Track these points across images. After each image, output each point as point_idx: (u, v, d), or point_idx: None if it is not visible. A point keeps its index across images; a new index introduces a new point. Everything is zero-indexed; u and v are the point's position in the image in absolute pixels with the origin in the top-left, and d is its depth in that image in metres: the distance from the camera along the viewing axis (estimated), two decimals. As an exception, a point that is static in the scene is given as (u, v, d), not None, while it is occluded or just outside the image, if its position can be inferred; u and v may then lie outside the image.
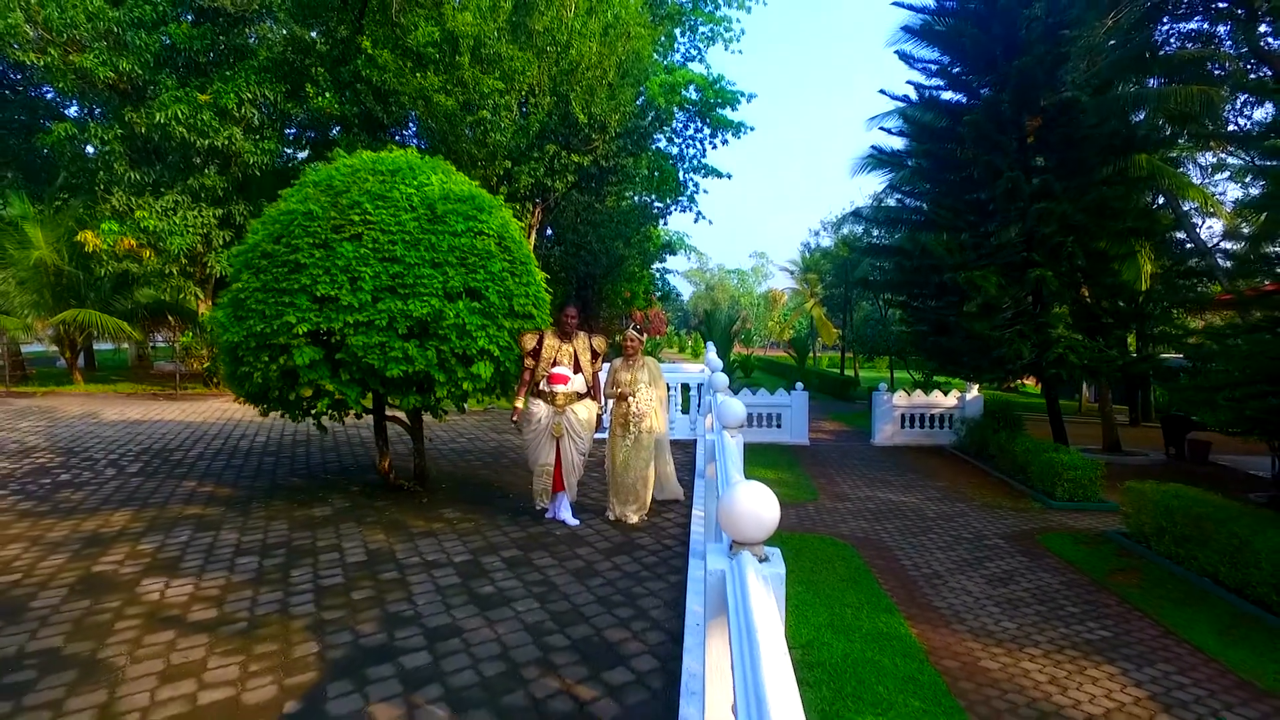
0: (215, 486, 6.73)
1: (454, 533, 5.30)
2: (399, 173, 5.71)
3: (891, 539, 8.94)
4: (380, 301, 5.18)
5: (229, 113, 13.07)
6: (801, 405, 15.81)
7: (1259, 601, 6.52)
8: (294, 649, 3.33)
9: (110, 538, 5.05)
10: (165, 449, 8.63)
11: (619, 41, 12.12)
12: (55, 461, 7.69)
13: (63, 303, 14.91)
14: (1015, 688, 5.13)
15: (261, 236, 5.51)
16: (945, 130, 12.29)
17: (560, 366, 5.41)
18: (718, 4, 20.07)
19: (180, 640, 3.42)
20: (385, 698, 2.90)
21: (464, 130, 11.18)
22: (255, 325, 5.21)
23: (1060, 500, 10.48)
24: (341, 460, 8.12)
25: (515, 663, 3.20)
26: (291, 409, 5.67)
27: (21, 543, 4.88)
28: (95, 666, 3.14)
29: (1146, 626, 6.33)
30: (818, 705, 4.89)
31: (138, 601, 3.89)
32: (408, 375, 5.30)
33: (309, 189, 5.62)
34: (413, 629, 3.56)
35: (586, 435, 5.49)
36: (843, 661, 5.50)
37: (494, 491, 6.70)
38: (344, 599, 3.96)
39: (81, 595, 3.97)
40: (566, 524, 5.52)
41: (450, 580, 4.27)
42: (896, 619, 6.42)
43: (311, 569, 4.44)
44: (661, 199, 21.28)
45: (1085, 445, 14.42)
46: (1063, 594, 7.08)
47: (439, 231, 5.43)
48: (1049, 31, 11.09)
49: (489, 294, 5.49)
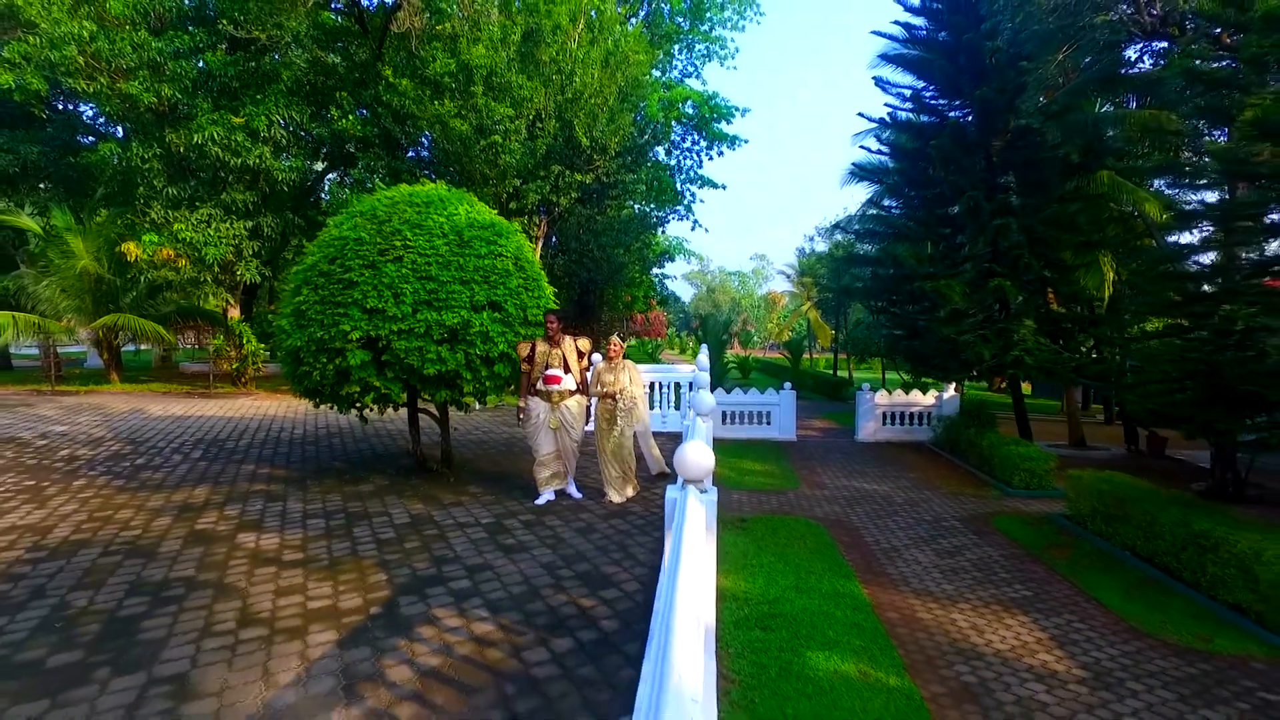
0: (271, 469, 7.86)
1: (478, 503, 6.42)
2: (432, 204, 6.84)
3: (859, 521, 10.03)
4: (419, 312, 6.30)
5: (259, 133, 14.22)
6: (789, 403, 16.89)
7: (1163, 567, 7.58)
8: (368, 577, 4.44)
9: (199, 506, 6.17)
10: (216, 439, 9.75)
11: (619, 69, 13.25)
12: (126, 449, 8.82)
13: (102, 308, 16.07)
14: (941, 632, 6.21)
15: (318, 258, 6.64)
16: (916, 150, 13.38)
17: (552, 369, 6.47)
18: (713, 25, 21.19)
19: (281, 572, 4.53)
20: (441, 605, 4.01)
21: (477, 152, 12.31)
22: (315, 332, 6.34)
23: (1017, 488, 11.54)
24: (374, 449, 9.24)
25: (534, 586, 4.32)
26: (342, 402, 6.79)
27: (129, 509, 6.01)
28: (224, 587, 4.26)
29: (1064, 588, 7.41)
30: (777, 644, 5.98)
31: (239, 549, 5.01)
32: (441, 374, 6.41)
33: (357, 218, 6.74)
34: (455, 565, 4.67)
35: (578, 425, 6.58)
36: (801, 613, 6.58)
37: (509, 474, 7.82)
38: (398, 547, 5.07)
39: (194, 544, 5.09)
40: (572, 496, 6.62)
41: (480, 535, 5.38)
42: (852, 582, 7.50)
43: (368, 527, 5.56)
44: (660, 208, 22.39)
45: (1054, 441, 15.49)
46: (1000, 564, 8.15)
47: (466, 254, 6.55)
48: (1010, 62, 12.17)
49: (508, 306, 6.62)
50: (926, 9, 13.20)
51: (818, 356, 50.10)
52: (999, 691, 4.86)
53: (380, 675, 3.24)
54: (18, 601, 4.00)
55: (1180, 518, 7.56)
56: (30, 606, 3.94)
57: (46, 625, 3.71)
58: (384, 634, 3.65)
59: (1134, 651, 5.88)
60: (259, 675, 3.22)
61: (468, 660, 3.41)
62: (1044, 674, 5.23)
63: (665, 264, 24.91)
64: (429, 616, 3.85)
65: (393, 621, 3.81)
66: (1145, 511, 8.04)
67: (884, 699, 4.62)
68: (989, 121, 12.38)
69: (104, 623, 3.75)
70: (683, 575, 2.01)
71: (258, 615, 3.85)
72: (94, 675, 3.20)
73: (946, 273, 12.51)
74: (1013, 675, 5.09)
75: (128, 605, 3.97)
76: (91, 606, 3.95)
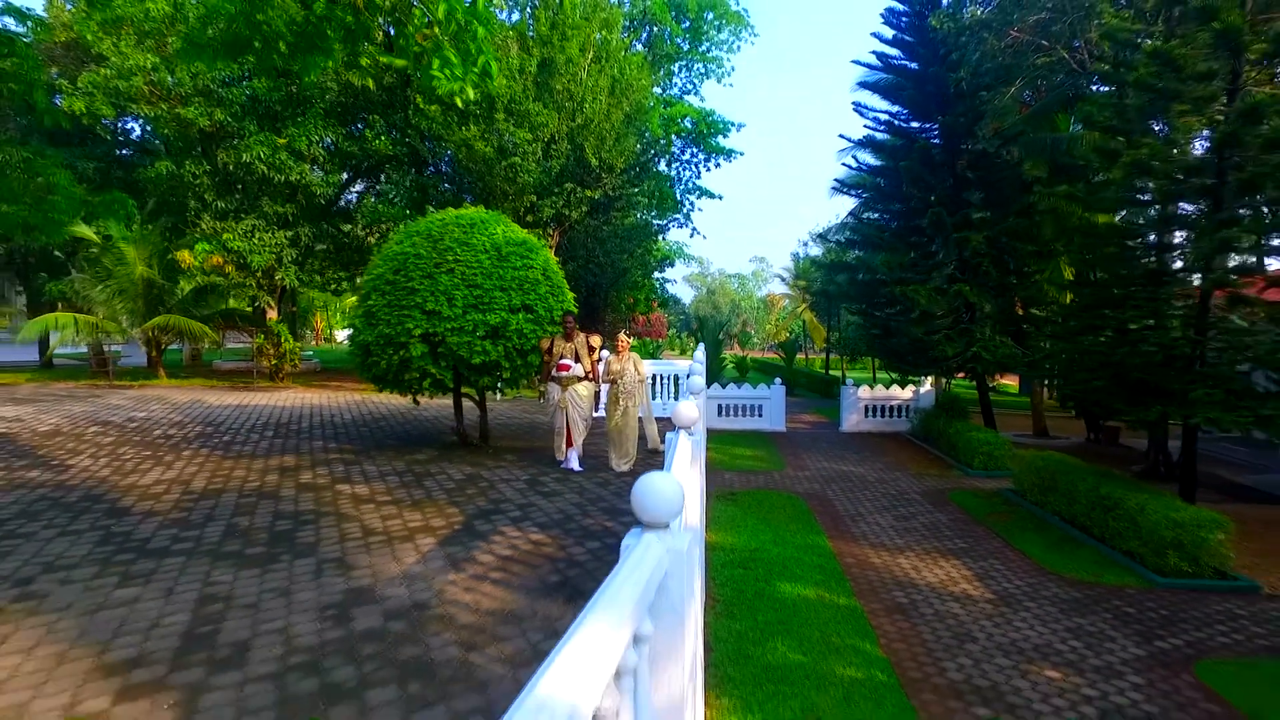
0: (337, 444, 9.41)
1: (516, 467, 7.97)
2: (475, 225, 8.38)
3: (834, 495, 11.58)
4: (468, 314, 7.84)
5: (300, 152, 15.79)
6: (779, 397, 18.43)
7: (1080, 527, 9.12)
8: (445, 510, 5.99)
9: (293, 468, 7.72)
10: (279, 422, 11.30)
11: (624, 95, 14.80)
12: (207, 430, 10.36)
13: (152, 310, 17.62)
14: (887, 571, 7.75)
15: (384, 270, 8.19)
16: (890, 169, 14.94)
17: (565, 359, 7.96)
18: (710, 46, 22.77)
19: (380, 507, 6.08)
20: (504, 525, 5.55)
21: (498, 171, 13.86)
22: (384, 329, 7.89)
23: (977, 469, 13.08)
24: (418, 430, 10.79)
25: (568, 514, 5.86)
26: (403, 387, 8.33)
27: (241, 470, 7.56)
28: (342, 515, 5.81)
29: (996, 543, 8.94)
30: (754, 578, 7.51)
31: (340, 494, 6.56)
32: (484, 363, 7.96)
33: (415, 237, 8.29)
34: (507, 504, 6.22)
35: (586, 406, 8.04)
36: (776, 558, 8.13)
37: (534, 448, 9.37)
38: (461, 493, 6.62)
39: (305, 491, 6.63)
40: (574, 471, 8.08)
41: (521, 486, 6.94)
42: (821, 538, 9.04)
43: (434, 481, 7.11)
44: (661, 216, 23.95)
45: (1021, 432, 17.02)
46: (947, 526, 9.69)
47: (504, 267, 8.10)
48: (971, 92, 13.72)
49: (538, 309, 8.17)
50: (899, 41, 14.77)
51: (813, 357, 51.60)
52: (923, 607, 6.47)
53: (473, 559, 4.79)
54: (198, 523, 5.55)
55: (1093, 485, 9.13)
56: (210, 525, 5.49)
57: (229, 533, 5.26)
58: (468, 539, 5.20)
59: (1037, 584, 7.44)
60: (391, 559, 4.77)
61: (529, 552, 4.96)
62: (961, 597, 6.85)
63: (666, 269, 26.47)
64: (497, 530, 5.40)
65: (471, 533, 5.35)
66: (1070, 482, 9.60)
67: (833, 611, 6.23)
68: (953, 144, 13.94)
69: (268, 534, 5.30)
70: (677, 459, 3.55)
71: (375, 529, 5.40)
72: (280, 558, 4.74)
73: (917, 279, 14.05)
74: (936, 598, 6.70)
75: (278, 525, 5.51)
76: (253, 526, 5.49)
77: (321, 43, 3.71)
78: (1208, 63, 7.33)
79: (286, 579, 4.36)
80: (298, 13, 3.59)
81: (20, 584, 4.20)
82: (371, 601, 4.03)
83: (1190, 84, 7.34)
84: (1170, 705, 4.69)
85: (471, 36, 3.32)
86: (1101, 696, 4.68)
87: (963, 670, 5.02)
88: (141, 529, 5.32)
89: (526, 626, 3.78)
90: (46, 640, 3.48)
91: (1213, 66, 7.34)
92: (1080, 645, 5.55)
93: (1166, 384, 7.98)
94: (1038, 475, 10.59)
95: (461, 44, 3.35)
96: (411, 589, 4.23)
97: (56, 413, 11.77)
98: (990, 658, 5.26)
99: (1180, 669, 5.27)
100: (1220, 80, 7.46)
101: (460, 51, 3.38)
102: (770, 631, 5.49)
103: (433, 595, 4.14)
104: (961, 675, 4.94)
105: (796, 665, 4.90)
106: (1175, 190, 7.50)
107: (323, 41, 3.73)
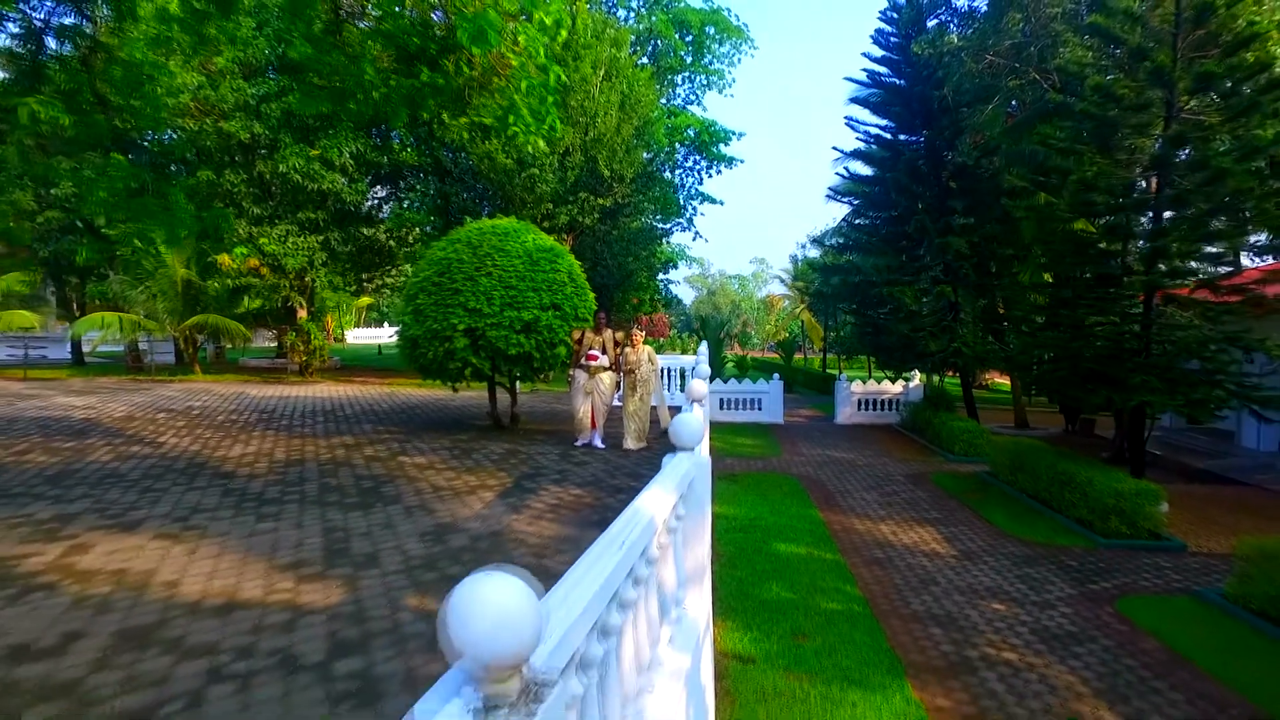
0: (385, 427, 10.59)
1: (547, 444, 9.17)
2: (509, 234, 9.57)
3: (825, 476, 12.76)
4: (504, 311, 9.03)
5: (332, 162, 16.99)
6: (777, 392, 19.62)
7: (1043, 501, 10.30)
8: (496, 474, 7.18)
9: (354, 445, 8.91)
10: (324, 410, 12.49)
11: (634, 111, 15.99)
12: (263, 417, 11.55)
13: (190, 309, 18.81)
14: (869, 535, 8.93)
15: (430, 273, 9.37)
16: (879, 179, 16.13)
17: (593, 349, 9.16)
18: (712, 59, 23.98)
19: (441, 472, 7.27)
20: (546, 485, 6.74)
21: (518, 181, 15.05)
22: (431, 325, 9.07)
23: (958, 455, 14.26)
24: (453, 416, 11.98)
25: (598, 478, 7.06)
26: (446, 375, 9.51)
27: (311, 446, 8.75)
28: (411, 478, 7.00)
29: (967, 514, 10.12)
30: (753, 540, 8.69)
31: (403, 464, 7.74)
32: (518, 354, 9.14)
33: (457, 244, 9.47)
34: (546, 470, 7.41)
35: (608, 392, 9.24)
36: (772, 525, 9.31)
37: (559, 431, 10.57)
38: (505, 463, 7.81)
39: (373, 461, 7.82)
40: (597, 448, 9.28)
41: (554, 458, 8.13)
42: (813, 510, 10.22)
43: (479, 455, 8.30)
44: (665, 220, 25.15)
45: (1001, 423, 18.21)
46: (925, 501, 10.88)
47: (535, 271, 9.29)
48: (953, 109, 14.92)
49: (564, 307, 9.36)
50: (887, 60, 15.97)
51: (812, 356, 52.76)
52: (897, 561, 7.67)
53: (527, 505, 5.98)
54: (295, 482, 6.74)
55: (1052, 463, 10.33)
56: (306, 484, 6.68)
57: (325, 490, 6.45)
58: (520, 494, 6.39)
59: (997, 544, 8.64)
60: (462, 505, 5.96)
61: (571, 502, 6.16)
62: (930, 554, 8.07)
63: (670, 270, 27.67)
64: (542, 488, 6.59)
65: (522, 490, 6.55)
66: (1034, 462, 10.81)
67: (820, 564, 7.44)
68: (937, 156, 15.14)
69: (356, 490, 6.49)
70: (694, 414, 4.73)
71: (442, 487, 6.59)
72: (374, 505, 5.94)
73: (905, 280, 15.24)
74: (909, 555, 7.92)
75: (362, 484, 6.71)
76: (342, 484, 6.68)
77: (421, 102, 4.89)
78: (1146, 94, 8.52)
79: (385, 518, 5.55)
80: (404, 82, 4.78)
81: (180, 520, 5.39)
82: (458, 531, 5.22)
83: (1129, 114, 8.54)
84: (1089, 626, 5.90)
85: (542, 102, 4.46)
86: (1035, 621, 5.88)
87: (924, 604, 6.22)
88: (252, 486, 6.51)
89: (579, 546, 4.96)
90: (224, 553, 4.67)
91: (1150, 97, 8.53)
92: (1025, 587, 6.77)
93: (1113, 372, 9.16)
94: (1008, 457, 11.78)
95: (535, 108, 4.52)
96: (486, 524, 5.42)
97: (119, 402, 12.96)
98: (949, 595, 6.47)
99: (1105, 604, 6.49)
100: (1156, 109, 8.65)
101: (533, 114, 4.55)
102: (766, 577, 6.69)
103: (503, 528, 5.33)
104: (923, 607, 6.15)
105: (787, 600, 6.11)
106: (1117, 205, 8.69)
107: (421, 101, 4.91)
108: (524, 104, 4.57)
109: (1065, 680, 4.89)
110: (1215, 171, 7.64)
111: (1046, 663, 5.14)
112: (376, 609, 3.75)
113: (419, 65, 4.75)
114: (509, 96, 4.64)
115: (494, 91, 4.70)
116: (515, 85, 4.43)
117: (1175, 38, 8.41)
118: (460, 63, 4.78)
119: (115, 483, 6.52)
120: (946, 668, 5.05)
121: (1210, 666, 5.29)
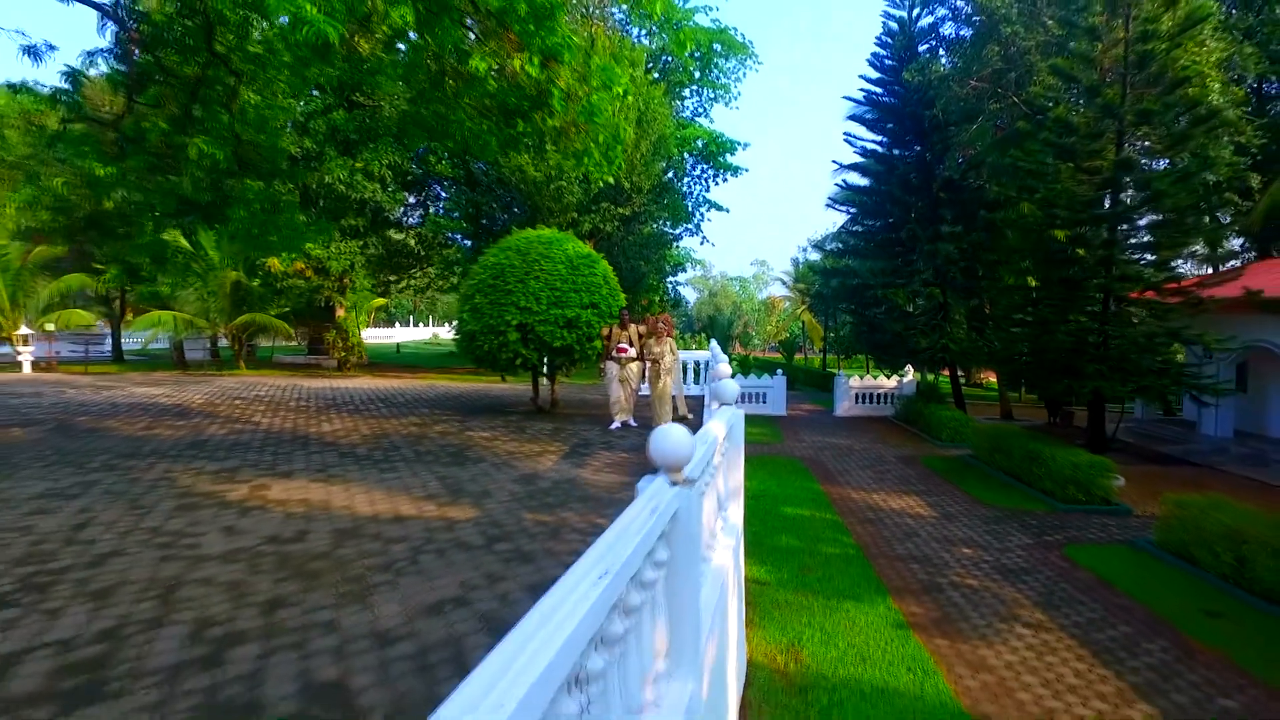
0: (440, 411, 12.07)
1: (586, 425, 10.66)
2: (552, 242, 11.06)
3: (825, 459, 14.25)
4: (550, 310, 10.51)
5: (372, 174, 18.48)
6: (781, 386, 21.10)
7: (1015, 476, 11.79)
8: (551, 444, 8.67)
9: (421, 423, 10.39)
10: (380, 399, 13.96)
11: (650, 126, 17.47)
12: (330, 403, 13.02)
13: (238, 309, 20.31)
14: (863, 502, 10.43)
15: (485, 275, 10.86)
16: (874, 190, 17.65)
17: (623, 343, 10.62)
18: (719, 74, 25.49)
19: (505, 443, 8.74)
20: (596, 452, 8.24)
21: (546, 192, 16.54)
22: (487, 320, 10.56)
23: (945, 441, 15.74)
24: (497, 403, 13.47)
25: (639, 447, 8.54)
26: (499, 365, 10.99)
27: (388, 424, 10.23)
28: (485, 445, 8.48)
29: (949, 487, 11.61)
30: (764, 505, 10.18)
31: (470, 437, 9.22)
32: (562, 347, 10.62)
33: (509, 251, 10.96)
34: (593, 442, 8.90)
35: (636, 381, 10.70)
36: (779, 494, 10.81)
37: (594, 415, 12.06)
38: (555, 436, 9.30)
39: (446, 434, 9.30)
40: (631, 426, 10.76)
41: (596, 434, 9.62)
42: (814, 483, 11.72)
43: (530, 431, 9.79)
44: (674, 226, 26.65)
45: (987, 415, 19.69)
46: (913, 478, 12.37)
47: (576, 274, 10.77)
48: (942, 127, 16.43)
49: (600, 305, 10.85)
50: (882, 81, 17.48)
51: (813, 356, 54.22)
52: (886, 520, 9.14)
53: (587, 464, 7.47)
54: (390, 449, 8.22)
55: (1024, 443, 11.83)
56: (400, 449, 8.16)
57: (419, 455, 7.93)
58: (577, 458, 7.88)
59: (971, 509, 10.14)
60: (535, 464, 7.45)
61: (621, 463, 7.65)
62: (914, 515, 9.57)
63: (678, 273, 29.15)
64: (594, 454, 8.08)
65: (576, 455, 8.04)
66: (1009, 443, 12.29)
67: (821, 523, 8.90)
68: (927, 170, 16.65)
69: (445, 454, 7.97)
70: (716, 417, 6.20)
71: (514, 452, 8.07)
72: (466, 463, 7.42)
73: (898, 283, 16.75)
74: (896, 516, 9.38)
75: (448, 450, 8.19)
76: (429, 450, 8.17)
77: (515, 146, 6.38)
78: (1099, 124, 10.03)
79: (481, 470, 7.04)
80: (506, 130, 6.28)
81: (320, 471, 6.88)
82: (541, 479, 6.71)
83: (1085, 141, 10.04)
84: (1037, 564, 7.39)
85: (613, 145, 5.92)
86: (995, 560, 7.36)
87: (907, 550, 7.70)
88: (359, 451, 8.00)
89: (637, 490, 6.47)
90: (371, 490, 6.15)
91: (1103, 127, 10.03)
92: (990, 538, 8.25)
93: (1072, 364, 10.64)
94: (989, 441, 13.27)
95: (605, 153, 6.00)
96: (560, 474, 6.91)
97: (190, 392, 14.44)
98: (928, 544, 7.95)
99: (1054, 549, 7.99)
100: (1109, 137, 10.15)
101: (604, 155, 6.02)
102: (776, 530, 8.17)
103: (575, 476, 6.81)
104: (906, 552, 7.63)
105: (795, 547, 7.60)
106: (1076, 219, 10.19)
107: (516, 145, 6.41)
108: (596, 149, 6.05)
109: (1012, 596, 6.40)
110: (1154, 192, 9.13)
111: (1000, 586, 6.64)
112: (506, 520, 5.24)
113: (515, 119, 6.25)
114: (585, 143, 6.13)
115: (572, 139, 6.19)
116: (593, 137, 5.91)
117: (1124, 77, 9.90)
118: (545, 116, 6.29)
119: (245, 449, 8.01)
120: (920, 589, 6.55)
121: (1127, 588, 6.80)
